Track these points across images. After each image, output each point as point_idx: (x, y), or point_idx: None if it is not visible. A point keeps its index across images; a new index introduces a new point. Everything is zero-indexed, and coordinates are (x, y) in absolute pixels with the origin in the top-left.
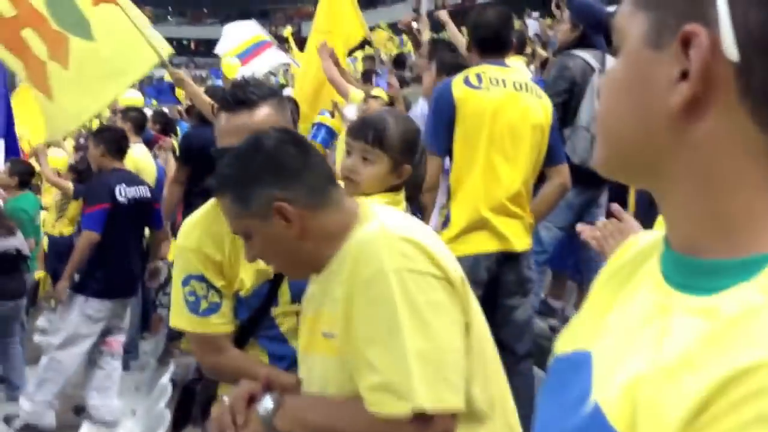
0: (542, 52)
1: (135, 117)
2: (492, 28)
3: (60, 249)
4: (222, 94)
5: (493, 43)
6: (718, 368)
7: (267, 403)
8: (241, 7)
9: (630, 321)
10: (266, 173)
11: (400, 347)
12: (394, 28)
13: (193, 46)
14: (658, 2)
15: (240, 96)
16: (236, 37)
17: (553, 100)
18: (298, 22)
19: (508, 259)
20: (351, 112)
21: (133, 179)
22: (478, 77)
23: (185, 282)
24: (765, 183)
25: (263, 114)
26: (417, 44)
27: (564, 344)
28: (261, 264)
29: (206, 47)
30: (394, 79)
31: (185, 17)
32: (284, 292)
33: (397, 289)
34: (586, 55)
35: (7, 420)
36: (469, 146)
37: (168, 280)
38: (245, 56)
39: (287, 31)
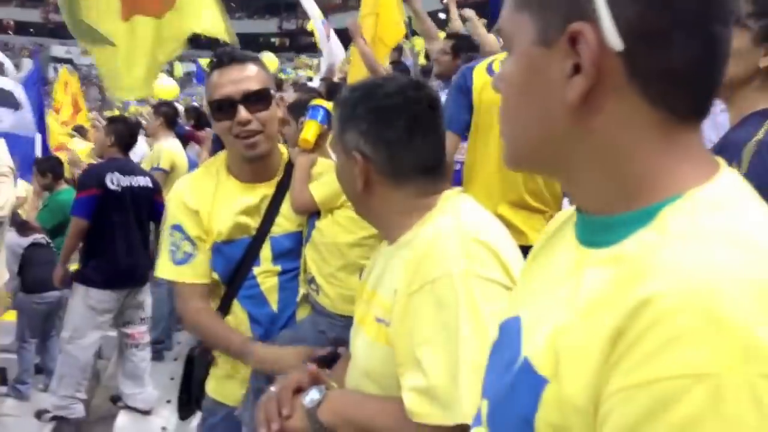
0: None
1: (167, 112)
2: None
3: None
4: (214, 54)
5: None
6: (623, 304)
7: (313, 395)
8: (269, 1)
9: (551, 283)
10: (368, 122)
11: (453, 354)
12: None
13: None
14: (541, 4)
15: (233, 55)
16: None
17: None
18: (326, 14)
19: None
20: None
21: (131, 169)
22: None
23: (169, 232)
24: (659, 146)
25: (253, 69)
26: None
27: (504, 313)
28: (241, 218)
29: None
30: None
31: None
32: (266, 250)
33: (462, 294)
34: None
35: (40, 414)
36: (485, 137)
37: None
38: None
39: (311, 25)
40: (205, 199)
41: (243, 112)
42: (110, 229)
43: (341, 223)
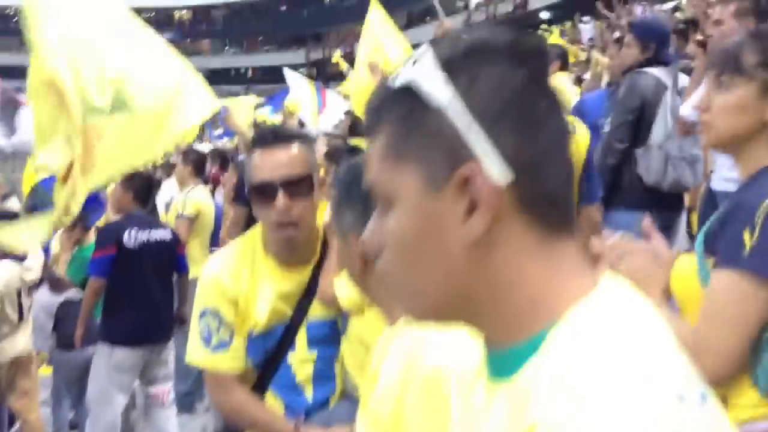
0: (602, 59)
1: (195, 160)
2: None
3: None
4: (257, 133)
5: None
6: None
7: None
8: (296, 32)
9: (468, 424)
10: (364, 204)
11: None
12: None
13: (250, 73)
14: (420, 154)
15: (276, 134)
16: (304, 96)
17: (624, 117)
18: (351, 42)
19: None
20: None
21: (149, 223)
22: None
23: (202, 315)
24: (543, 267)
25: (296, 151)
26: None
27: None
28: (277, 304)
29: (263, 74)
30: None
31: (241, 46)
32: (302, 336)
33: None
34: (658, 72)
35: None
36: None
37: None
38: (321, 104)
39: (336, 56)
40: (242, 285)
41: (282, 200)
42: (129, 285)
43: (370, 322)
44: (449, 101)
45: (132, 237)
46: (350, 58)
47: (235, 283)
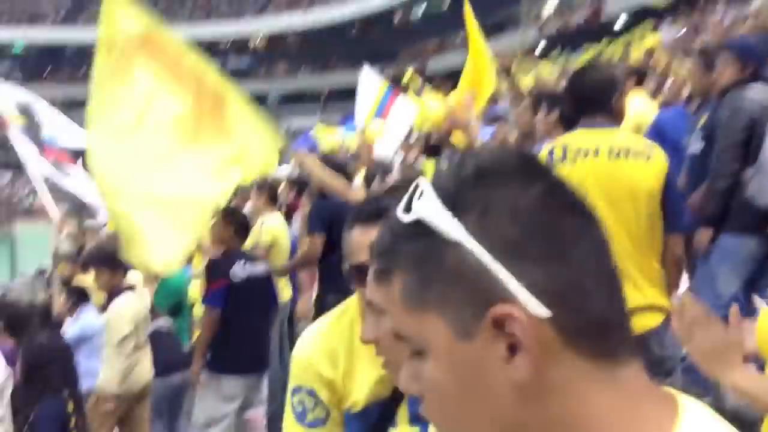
0: (682, 68)
1: (269, 190)
2: (589, 85)
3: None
4: (358, 207)
5: (589, 103)
6: None
7: None
8: (370, 51)
9: None
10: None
11: None
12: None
13: (325, 95)
14: (444, 300)
15: (374, 208)
16: (367, 97)
17: (733, 138)
18: (422, 60)
19: None
20: None
21: (250, 257)
22: (564, 150)
23: (295, 390)
24: (610, 398)
25: None
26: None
27: None
28: (377, 387)
29: (338, 95)
30: (504, 126)
31: (316, 67)
32: (403, 412)
33: None
34: (761, 89)
35: None
36: None
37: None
38: (382, 110)
39: (408, 74)
40: (338, 368)
41: None
42: (238, 317)
43: None
44: (464, 238)
45: (240, 270)
46: (423, 76)
47: (331, 366)
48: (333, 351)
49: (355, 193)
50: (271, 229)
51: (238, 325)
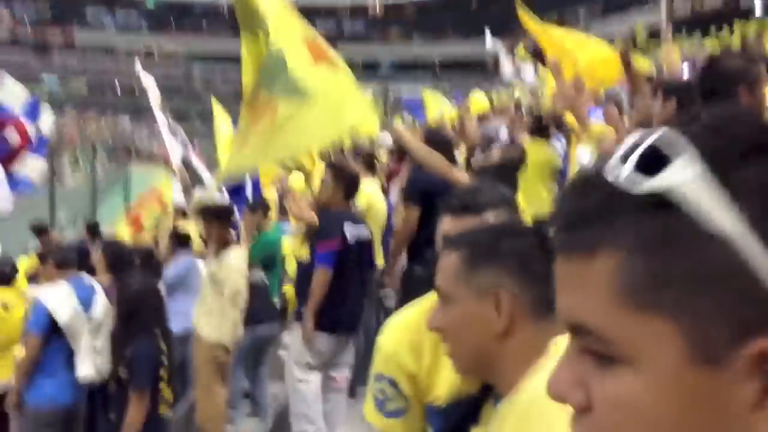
0: None
1: (366, 157)
2: (718, 74)
3: (303, 271)
4: (449, 199)
5: (717, 94)
6: None
7: None
8: (484, 24)
9: None
10: (511, 258)
11: None
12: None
13: (437, 65)
14: (683, 305)
15: (467, 201)
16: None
17: None
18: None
19: None
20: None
21: (357, 219)
22: None
23: (377, 378)
24: None
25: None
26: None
27: None
28: (461, 381)
29: (450, 66)
30: (612, 107)
31: (429, 36)
32: (488, 410)
33: None
34: None
35: None
36: None
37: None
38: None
39: (520, 50)
40: (423, 361)
41: None
42: (340, 277)
43: None
44: (740, 234)
45: (349, 232)
46: (535, 51)
47: (415, 358)
48: (418, 343)
49: (457, 172)
50: (366, 194)
51: (338, 285)
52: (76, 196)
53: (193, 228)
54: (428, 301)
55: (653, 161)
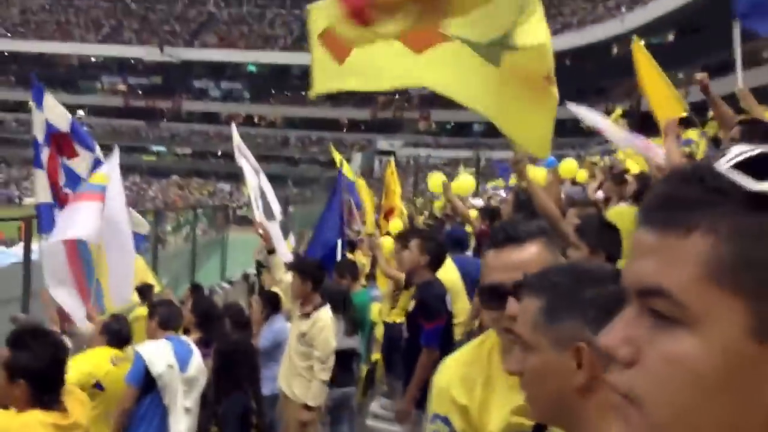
0: None
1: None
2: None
3: (393, 335)
4: (493, 231)
5: None
6: None
7: None
8: (577, 86)
9: None
10: (594, 308)
11: None
12: None
13: None
14: (760, 291)
15: (509, 232)
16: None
17: None
18: (637, 96)
19: None
20: None
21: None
22: None
23: (433, 418)
24: None
25: (532, 251)
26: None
27: None
28: (515, 419)
29: None
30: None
31: None
32: None
33: None
34: None
35: None
36: None
37: None
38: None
39: (616, 114)
40: (474, 393)
41: (513, 306)
42: (443, 354)
43: None
44: None
45: (448, 304)
46: (636, 113)
47: (467, 393)
48: (469, 378)
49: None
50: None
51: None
52: (176, 259)
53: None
54: (484, 337)
55: (762, 168)
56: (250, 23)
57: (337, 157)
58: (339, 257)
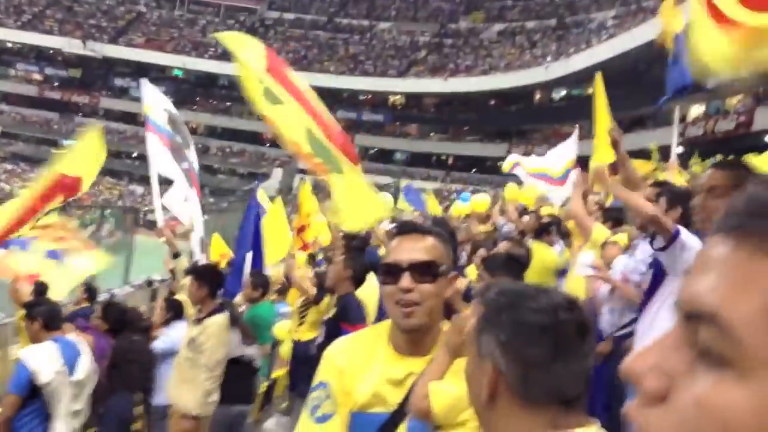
0: None
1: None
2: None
3: (299, 353)
4: (399, 223)
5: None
6: None
7: None
8: (501, 127)
9: None
10: (509, 334)
11: None
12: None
13: (451, 161)
14: None
15: (413, 225)
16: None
17: None
18: (555, 143)
19: None
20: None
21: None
22: None
23: (316, 387)
24: None
25: (430, 242)
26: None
27: None
28: (382, 389)
29: (462, 163)
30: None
31: (446, 134)
32: (401, 431)
33: None
34: None
35: None
36: None
37: None
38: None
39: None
40: (354, 361)
41: (406, 280)
42: None
43: None
44: None
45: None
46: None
47: (347, 357)
48: (355, 349)
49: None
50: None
51: None
52: None
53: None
54: (378, 324)
55: None
56: (180, 27)
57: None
58: (250, 270)
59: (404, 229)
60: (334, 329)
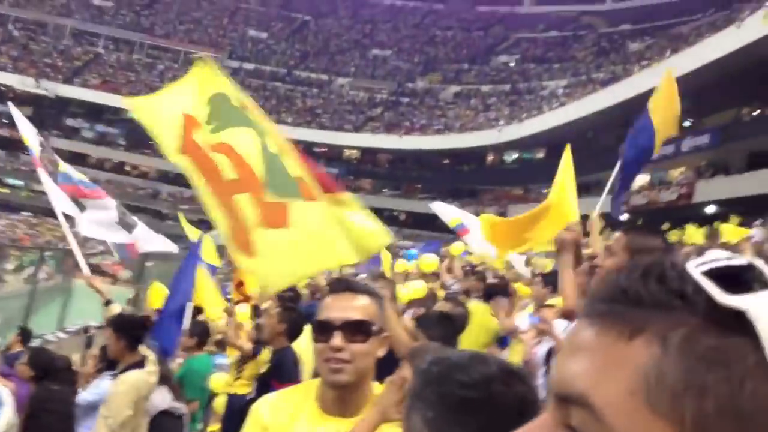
0: None
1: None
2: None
3: (235, 408)
4: (333, 281)
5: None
6: None
7: None
8: (453, 186)
9: None
10: (436, 411)
11: None
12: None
13: (403, 217)
14: (699, 427)
15: (347, 284)
16: (447, 213)
17: None
18: (505, 204)
19: None
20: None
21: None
22: None
23: None
24: None
25: (363, 301)
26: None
27: None
28: None
29: (415, 220)
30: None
31: (399, 190)
32: None
33: None
34: None
35: None
36: None
37: None
38: (436, 246)
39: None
40: (279, 419)
41: (337, 339)
42: None
43: None
44: None
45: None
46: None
47: (272, 415)
48: (281, 406)
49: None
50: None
51: None
52: (13, 300)
53: None
54: (307, 382)
55: (739, 281)
56: (138, 71)
57: (195, 232)
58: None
59: (338, 287)
60: (264, 386)
